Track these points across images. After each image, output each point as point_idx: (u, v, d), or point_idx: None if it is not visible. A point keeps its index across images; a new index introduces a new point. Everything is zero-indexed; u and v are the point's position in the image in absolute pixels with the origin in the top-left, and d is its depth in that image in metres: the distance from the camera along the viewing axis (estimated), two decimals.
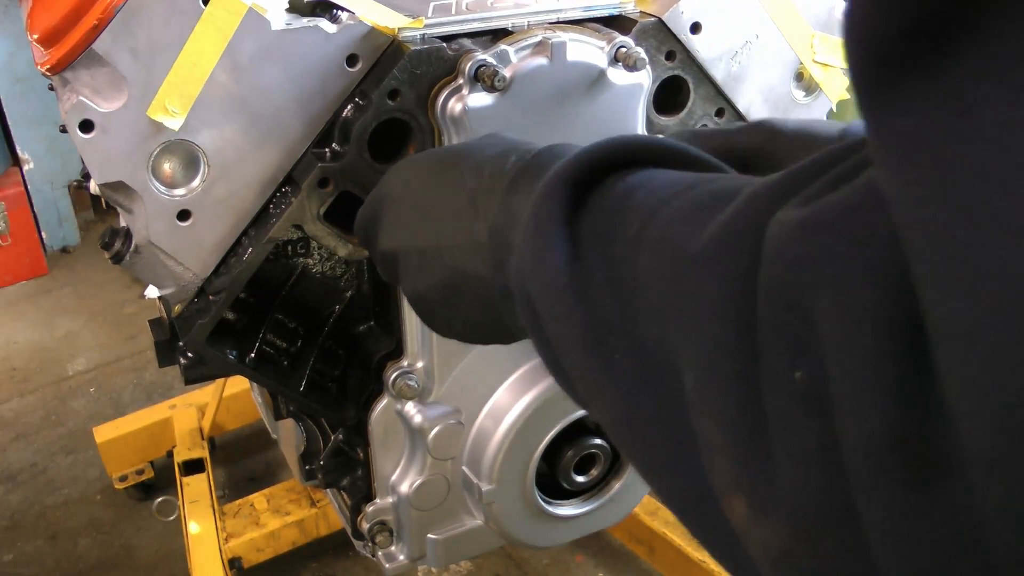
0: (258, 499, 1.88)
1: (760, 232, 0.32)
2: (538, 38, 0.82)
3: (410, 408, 0.94)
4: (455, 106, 0.80)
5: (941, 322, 0.25)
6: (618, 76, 0.85)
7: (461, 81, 0.80)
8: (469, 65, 0.79)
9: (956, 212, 0.24)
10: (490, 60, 0.80)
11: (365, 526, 1.01)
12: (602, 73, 0.85)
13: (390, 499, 1.01)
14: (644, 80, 0.87)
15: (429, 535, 1.03)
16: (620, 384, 0.39)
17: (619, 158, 0.45)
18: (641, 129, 0.90)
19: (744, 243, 0.33)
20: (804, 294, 0.30)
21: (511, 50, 0.82)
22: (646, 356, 0.38)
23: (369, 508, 1.01)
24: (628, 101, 0.87)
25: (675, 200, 0.40)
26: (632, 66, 0.84)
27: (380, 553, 1.04)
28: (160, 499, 2.08)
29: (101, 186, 0.78)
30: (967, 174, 0.23)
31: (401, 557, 1.04)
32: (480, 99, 0.80)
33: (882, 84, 0.25)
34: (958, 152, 0.23)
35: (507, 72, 0.80)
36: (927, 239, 0.25)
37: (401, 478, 0.99)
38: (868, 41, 0.25)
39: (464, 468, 0.98)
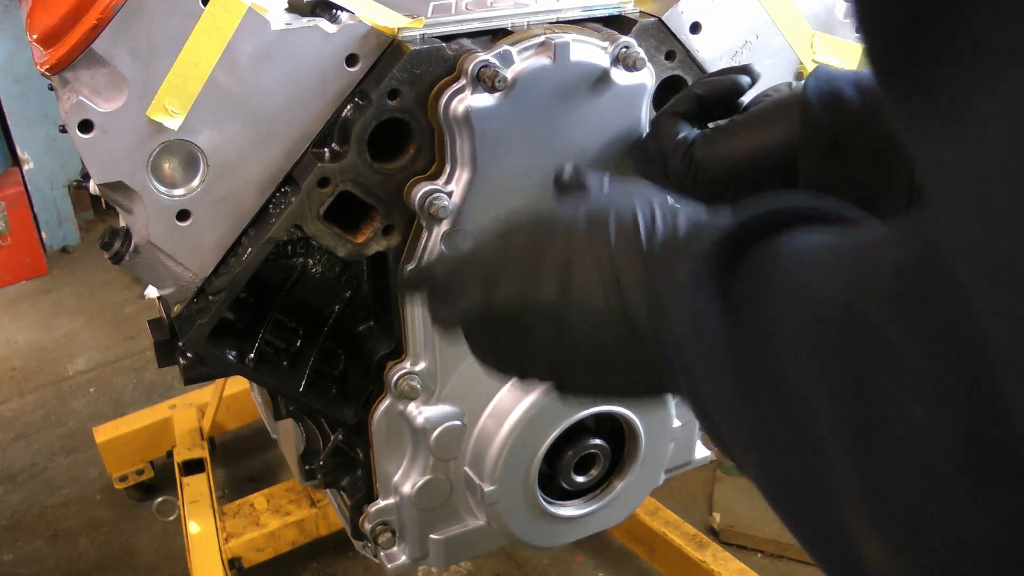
0: (258, 499, 1.88)
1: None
2: (541, 38, 0.82)
3: (412, 409, 0.94)
4: (458, 107, 0.80)
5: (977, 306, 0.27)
6: (621, 76, 0.85)
7: (464, 82, 0.80)
8: (472, 66, 0.79)
9: (962, 201, 0.27)
10: (492, 60, 0.80)
11: (367, 526, 1.01)
12: (605, 73, 0.84)
13: (392, 499, 1.01)
14: (648, 80, 0.87)
15: (431, 535, 1.03)
16: (763, 431, 0.43)
17: (766, 224, 0.47)
18: (644, 129, 0.89)
19: (867, 310, 0.36)
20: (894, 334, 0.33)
21: (514, 50, 0.81)
22: (789, 407, 0.41)
23: (371, 508, 1.01)
24: (631, 101, 0.87)
25: (810, 259, 0.43)
26: (633, 66, 0.84)
27: (382, 553, 1.04)
28: (160, 499, 2.08)
29: (101, 186, 0.78)
30: (958, 170, 0.27)
31: (403, 557, 1.04)
32: (483, 99, 0.80)
33: (898, 99, 0.29)
34: (952, 152, 0.27)
35: (510, 72, 0.80)
36: (951, 227, 0.28)
37: (403, 478, 0.99)
38: (878, 72, 0.29)
39: (466, 468, 0.98)
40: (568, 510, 1.02)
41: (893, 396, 0.33)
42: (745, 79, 0.81)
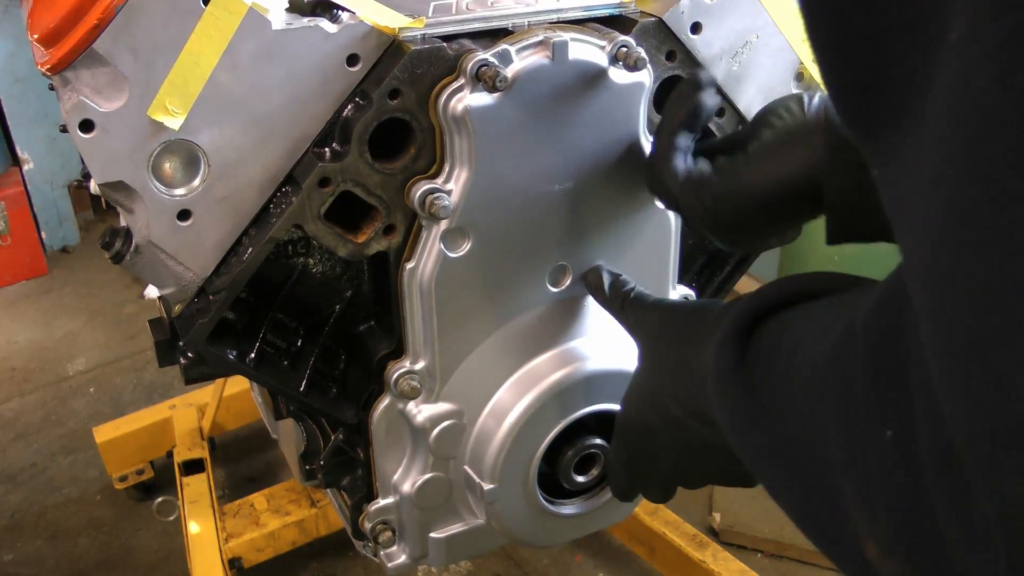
0: (258, 499, 1.88)
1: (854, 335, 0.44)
2: (540, 37, 0.82)
3: (412, 408, 0.94)
4: (456, 106, 0.80)
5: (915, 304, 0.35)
6: (619, 76, 0.85)
7: (463, 81, 0.80)
8: (471, 65, 0.79)
9: (895, 217, 0.37)
10: (491, 60, 0.80)
11: (367, 526, 1.01)
12: (603, 72, 0.85)
13: (392, 499, 1.01)
14: (646, 79, 0.87)
15: (431, 534, 1.03)
16: (779, 463, 0.53)
17: (773, 304, 0.57)
18: (643, 128, 0.90)
19: (849, 350, 0.45)
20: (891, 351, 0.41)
21: (513, 50, 0.81)
22: (801, 446, 0.50)
23: (371, 508, 1.01)
24: (630, 101, 0.87)
25: (807, 328, 0.53)
26: (633, 66, 0.84)
27: (382, 553, 1.04)
28: (160, 499, 2.08)
29: (101, 186, 0.78)
30: (898, 196, 0.36)
31: (403, 557, 1.04)
32: (481, 99, 0.80)
33: (858, 141, 0.39)
34: (894, 184, 0.36)
35: (508, 72, 0.80)
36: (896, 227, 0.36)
37: (403, 478, 0.99)
38: (842, 120, 0.40)
39: (466, 467, 0.98)
40: (568, 509, 1.02)
41: (866, 430, 0.42)
42: (709, 102, 0.81)
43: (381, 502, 1.01)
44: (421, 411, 0.94)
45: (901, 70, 0.34)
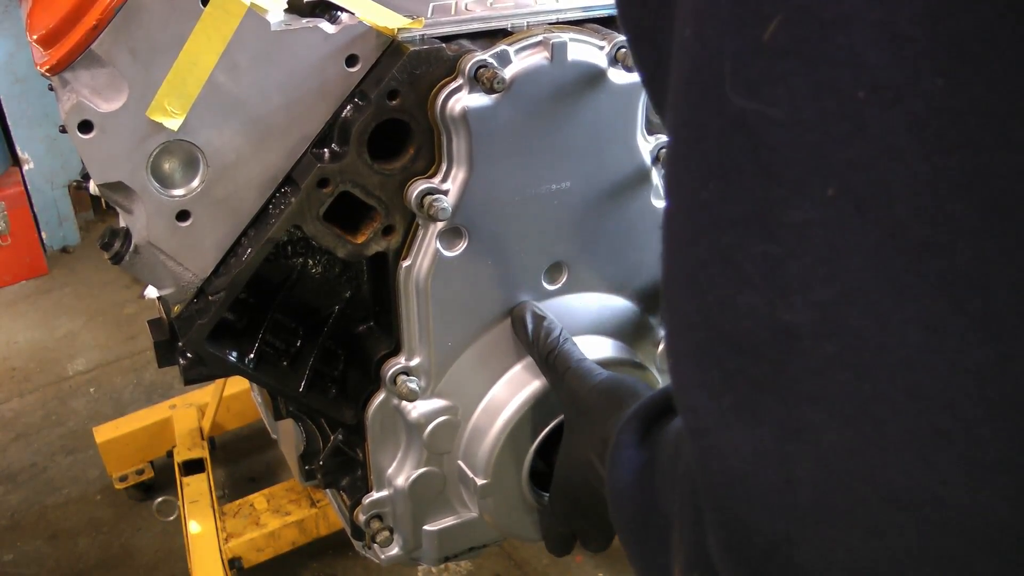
0: (258, 499, 1.88)
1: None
2: (538, 38, 0.82)
3: (407, 403, 0.94)
4: (455, 107, 0.80)
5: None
6: (618, 76, 0.85)
7: (461, 82, 0.80)
8: (469, 66, 0.79)
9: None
10: (490, 60, 0.80)
11: (362, 518, 1.02)
12: (602, 73, 0.85)
13: (386, 492, 1.01)
14: None
15: (424, 527, 1.03)
16: (646, 547, 0.57)
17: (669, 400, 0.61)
18: (640, 129, 0.90)
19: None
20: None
21: (511, 50, 0.81)
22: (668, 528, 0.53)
23: (365, 500, 1.01)
24: (628, 101, 0.87)
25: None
26: (631, 66, 0.84)
27: (376, 545, 1.04)
28: (160, 499, 2.09)
29: (100, 186, 0.78)
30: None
31: (396, 549, 1.04)
32: (480, 99, 0.80)
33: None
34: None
35: (507, 73, 0.80)
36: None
37: (397, 471, 0.99)
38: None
39: (460, 462, 0.98)
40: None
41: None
42: None
43: (375, 495, 1.01)
44: (416, 407, 0.94)
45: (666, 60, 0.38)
